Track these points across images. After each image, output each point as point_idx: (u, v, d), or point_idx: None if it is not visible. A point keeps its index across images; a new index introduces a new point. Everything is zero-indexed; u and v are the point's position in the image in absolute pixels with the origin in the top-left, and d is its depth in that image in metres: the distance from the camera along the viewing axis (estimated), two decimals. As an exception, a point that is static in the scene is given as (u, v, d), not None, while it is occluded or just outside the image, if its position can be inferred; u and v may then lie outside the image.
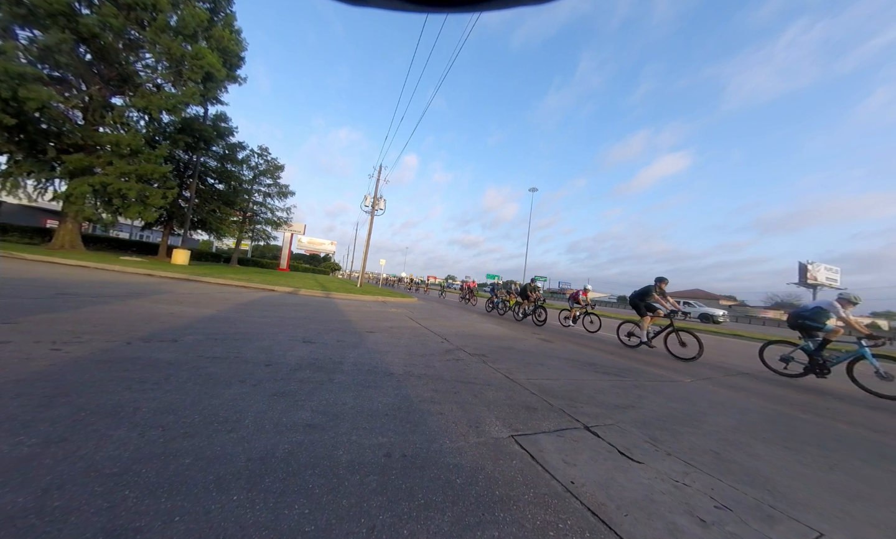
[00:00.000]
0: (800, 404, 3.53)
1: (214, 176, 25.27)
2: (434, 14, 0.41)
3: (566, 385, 3.18)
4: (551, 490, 1.43)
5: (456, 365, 3.48)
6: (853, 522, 1.46)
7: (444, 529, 1.12)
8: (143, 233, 37.01)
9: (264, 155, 31.79)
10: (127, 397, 1.82)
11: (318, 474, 1.34)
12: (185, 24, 15.23)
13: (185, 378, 2.21)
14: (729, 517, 1.39)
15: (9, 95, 11.75)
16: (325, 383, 2.44)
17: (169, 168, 17.28)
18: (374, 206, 18.79)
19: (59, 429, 1.44)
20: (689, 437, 2.22)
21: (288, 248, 41.37)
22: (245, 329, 4.04)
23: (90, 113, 15.19)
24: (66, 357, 2.33)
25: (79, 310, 3.95)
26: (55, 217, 20.92)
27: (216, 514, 1.06)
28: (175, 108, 15.82)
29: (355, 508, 1.17)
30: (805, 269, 40.40)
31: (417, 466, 1.48)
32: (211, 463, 1.33)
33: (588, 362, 4.48)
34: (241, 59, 19.45)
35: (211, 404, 1.86)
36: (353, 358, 3.28)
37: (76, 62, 13.98)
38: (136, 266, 11.39)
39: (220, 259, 35.06)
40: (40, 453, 1.26)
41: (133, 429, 1.51)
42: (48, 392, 1.77)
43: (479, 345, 4.90)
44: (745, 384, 4.25)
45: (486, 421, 2.09)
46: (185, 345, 3.00)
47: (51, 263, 9.77)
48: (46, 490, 1.08)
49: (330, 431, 1.72)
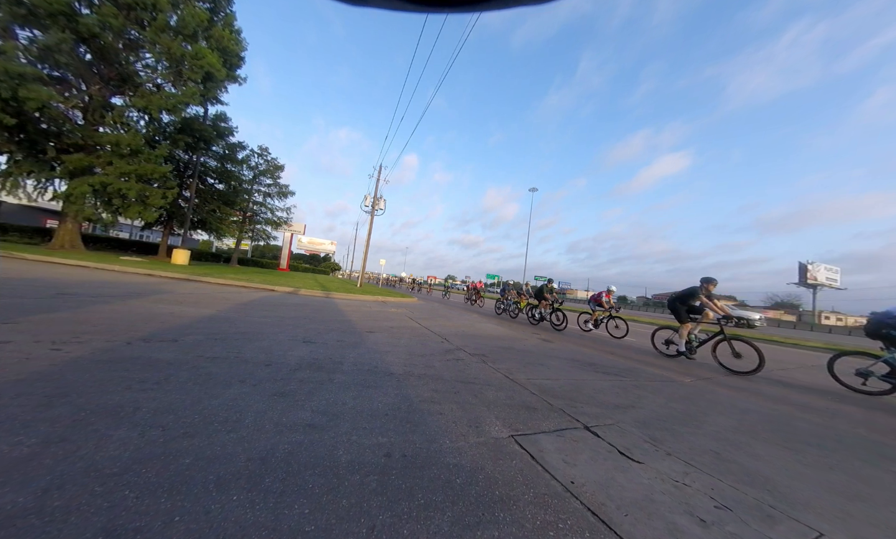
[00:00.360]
0: (800, 404, 3.53)
1: (214, 176, 25.28)
2: (434, 14, 0.41)
3: (566, 385, 3.18)
4: (551, 490, 1.43)
5: (456, 365, 3.48)
6: (853, 522, 1.46)
7: (444, 529, 1.12)
8: (143, 233, 37.01)
9: (264, 155, 31.80)
10: (127, 397, 1.82)
11: (318, 474, 1.34)
12: (184, 24, 15.23)
13: (186, 378, 2.21)
14: (729, 517, 1.39)
15: (9, 95, 11.76)
16: (325, 383, 2.44)
17: (169, 168, 17.29)
18: (374, 205, 18.80)
19: (59, 428, 1.44)
20: (689, 437, 2.22)
21: (288, 248, 41.38)
22: (245, 329, 4.04)
23: (90, 113, 15.19)
24: (66, 357, 2.33)
25: (79, 310, 3.95)
26: (55, 217, 20.94)
27: (216, 514, 1.06)
28: (175, 108, 15.83)
29: (355, 508, 1.17)
30: (805, 269, 40.41)
31: (417, 466, 1.48)
32: (211, 463, 1.33)
33: (588, 362, 4.48)
34: (241, 58, 19.46)
35: (211, 404, 1.86)
36: (353, 358, 3.28)
37: (76, 62, 13.98)
38: (136, 266, 11.39)
39: (220, 259, 35.07)
40: (40, 453, 1.26)
41: (133, 429, 1.51)
42: (48, 392, 1.77)
43: (480, 345, 4.90)
44: (744, 384, 4.25)
45: (486, 421, 2.09)
46: (185, 345, 3.00)
47: (51, 263, 9.77)
48: (46, 490, 1.08)
49: (330, 431, 1.72)
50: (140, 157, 15.62)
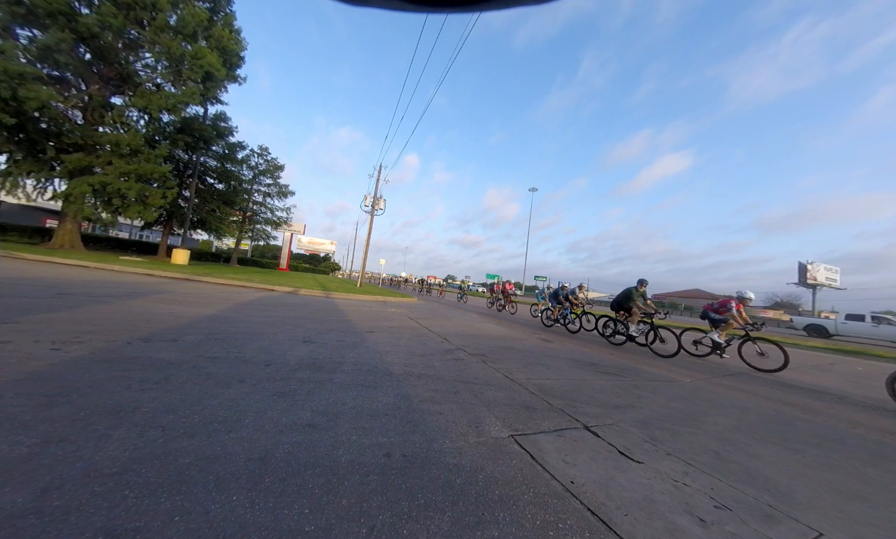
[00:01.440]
0: (799, 404, 3.53)
1: (214, 175, 25.25)
2: (434, 14, 0.41)
3: (566, 385, 3.18)
4: (551, 490, 1.43)
5: (456, 365, 3.48)
6: (853, 523, 1.46)
7: (444, 529, 1.12)
8: (142, 232, 37.00)
9: (264, 154, 31.78)
10: (127, 397, 1.82)
11: (317, 474, 1.34)
12: (184, 24, 15.21)
13: (185, 378, 2.21)
14: (729, 517, 1.39)
15: (9, 95, 11.74)
16: (325, 383, 2.44)
17: (168, 168, 17.26)
18: (373, 205, 18.79)
19: (59, 428, 1.44)
20: (688, 437, 2.22)
21: (288, 247, 41.35)
22: (245, 329, 4.04)
23: (90, 112, 15.18)
24: (66, 357, 2.33)
25: (79, 309, 3.95)
26: (55, 217, 20.94)
27: (216, 513, 1.06)
28: (175, 108, 15.80)
29: (355, 508, 1.17)
30: (805, 269, 40.40)
31: (417, 466, 1.48)
32: (211, 463, 1.33)
33: (588, 362, 4.48)
34: (240, 58, 19.43)
35: (211, 404, 1.86)
36: (352, 358, 3.27)
37: (76, 62, 13.97)
38: (136, 266, 11.38)
39: (219, 259, 35.03)
40: (40, 453, 1.26)
41: (133, 428, 1.51)
42: (48, 391, 1.77)
43: (479, 345, 4.90)
44: (743, 384, 4.25)
45: (485, 421, 2.09)
46: (185, 344, 3.00)
47: (50, 263, 9.76)
48: (46, 489, 1.08)
49: (330, 431, 1.72)
50: (140, 157, 15.60)
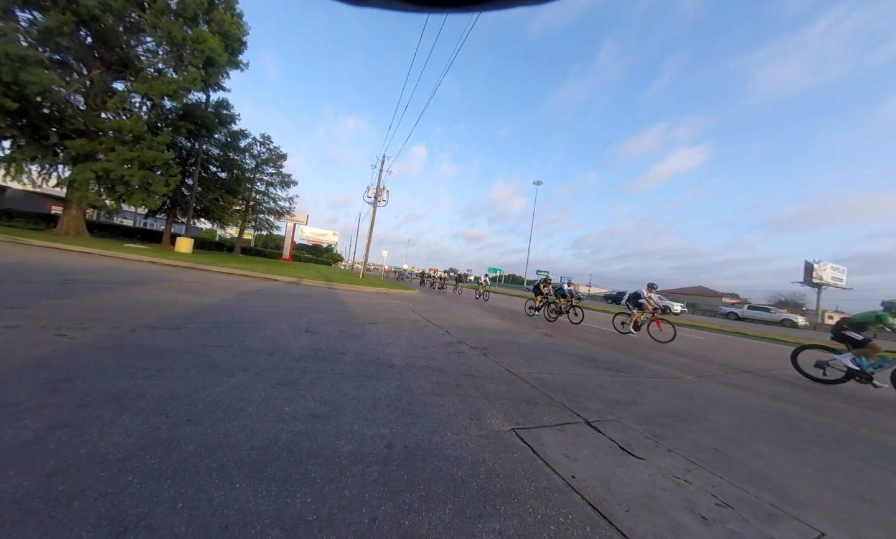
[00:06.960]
0: (801, 403, 3.52)
1: (217, 164, 25.17)
2: (434, 14, 0.39)
3: (567, 380, 3.18)
4: (552, 484, 1.43)
5: (457, 358, 3.49)
6: (855, 523, 1.46)
7: (446, 520, 1.12)
8: (146, 220, 37.10)
9: (266, 143, 31.59)
10: (131, 384, 1.83)
11: (320, 464, 1.34)
12: (185, 7, 14.97)
13: (189, 366, 2.22)
14: (730, 515, 1.38)
15: (10, 78, 11.68)
16: (327, 373, 2.45)
17: (171, 155, 17.22)
18: (376, 196, 18.69)
19: (64, 414, 1.45)
20: (690, 434, 2.22)
21: (291, 238, 41.40)
22: (248, 318, 4.05)
23: (92, 97, 15.09)
24: (71, 343, 2.34)
25: (84, 296, 3.98)
26: (60, 203, 21.01)
27: (219, 501, 1.07)
28: (176, 94, 15.67)
29: (357, 498, 1.17)
30: (811, 268, 40.01)
31: (419, 458, 1.49)
32: (214, 450, 1.33)
33: (589, 358, 4.48)
34: (242, 43, 19.16)
35: (214, 392, 1.87)
36: (355, 348, 3.28)
37: (77, 45, 13.84)
38: (140, 253, 11.44)
39: (223, 248, 35.16)
40: (45, 438, 1.27)
41: (137, 415, 1.52)
42: (53, 377, 1.78)
43: (481, 338, 4.91)
44: (745, 382, 4.24)
45: (487, 414, 2.09)
46: (188, 333, 3.02)
47: (56, 249, 9.82)
48: (51, 475, 1.08)
49: (332, 421, 1.72)
50: (143, 144, 15.54)
